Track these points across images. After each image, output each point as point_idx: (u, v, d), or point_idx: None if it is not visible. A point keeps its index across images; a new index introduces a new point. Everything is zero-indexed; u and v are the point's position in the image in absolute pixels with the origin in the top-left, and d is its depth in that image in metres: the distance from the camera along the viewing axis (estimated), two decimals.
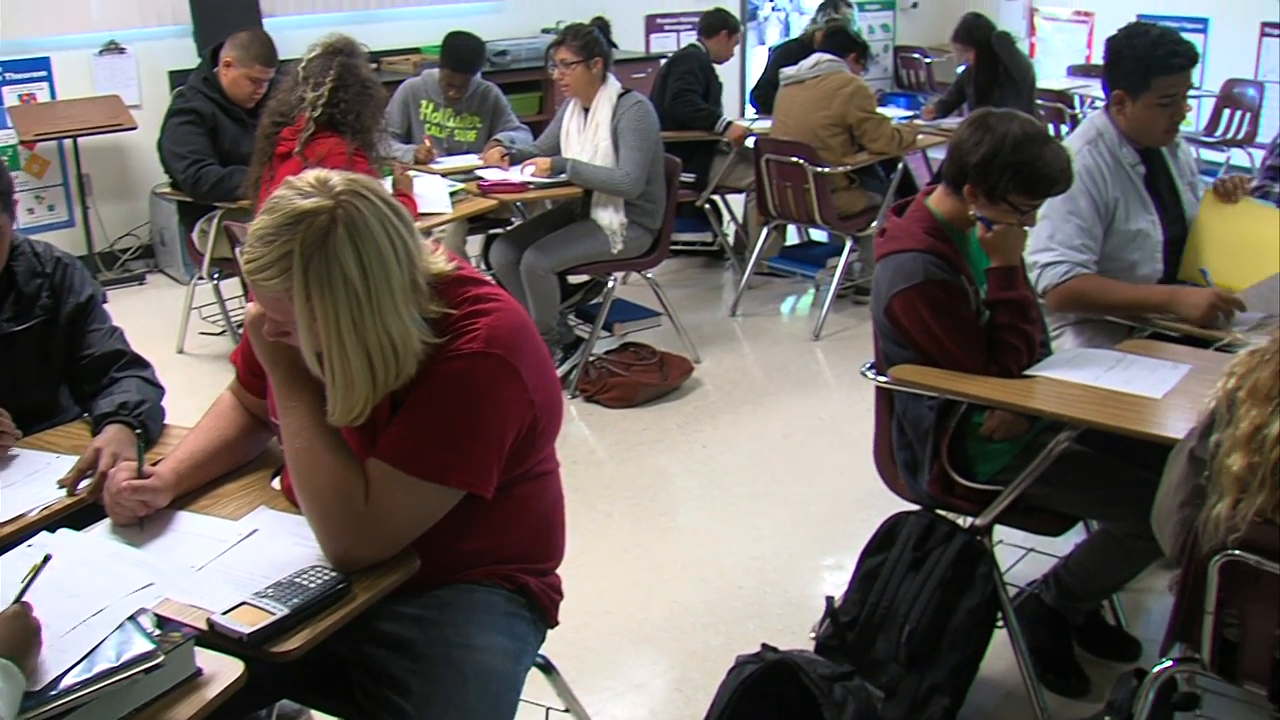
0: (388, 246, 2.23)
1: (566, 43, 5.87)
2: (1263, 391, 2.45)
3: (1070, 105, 9.84)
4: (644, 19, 11.09)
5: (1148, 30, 4.12)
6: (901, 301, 3.37)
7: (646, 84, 9.64)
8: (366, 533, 2.30)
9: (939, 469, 3.49)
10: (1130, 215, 4.10)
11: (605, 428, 5.63)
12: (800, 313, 7.42)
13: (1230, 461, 2.46)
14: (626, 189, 5.83)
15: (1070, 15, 12.69)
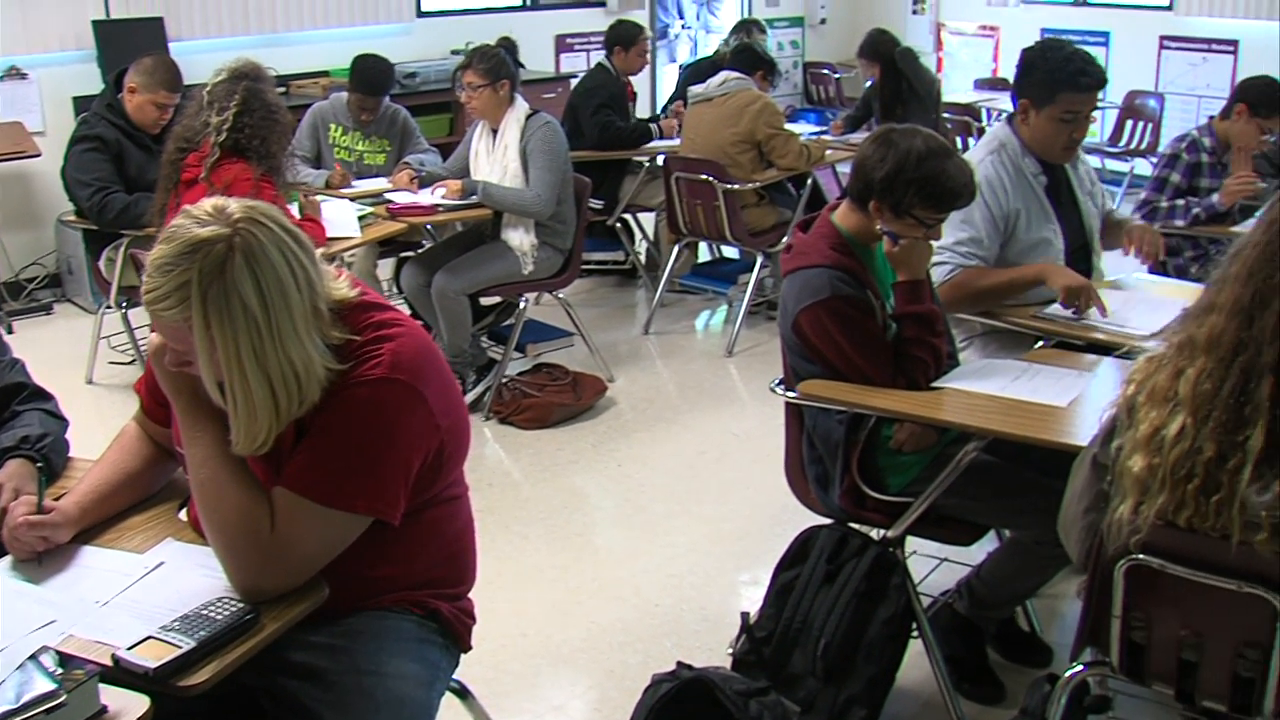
0: (287, 273, 2.21)
1: (473, 65, 5.85)
2: (1160, 394, 2.48)
3: (977, 118, 9.96)
4: (553, 39, 11.10)
5: (1063, 46, 4.20)
6: (808, 317, 3.39)
7: (557, 104, 9.65)
8: (273, 562, 2.27)
9: (850, 482, 3.51)
10: (1032, 225, 4.16)
11: (520, 449, 5.61)
12: (713, 329, 7.44)
13: (1131, 464, 2.50)
14: (537, 210, 5.82)
15: (976, 30, 12.86)
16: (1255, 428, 2.37)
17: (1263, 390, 2.36)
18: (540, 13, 11.06)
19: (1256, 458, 2.36)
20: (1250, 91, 5.88)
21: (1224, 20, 11.03)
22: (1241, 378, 2.39)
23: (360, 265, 6.43)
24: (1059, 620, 4.13)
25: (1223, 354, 2.41)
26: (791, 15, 13.20)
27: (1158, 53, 11.56)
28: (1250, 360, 2.38)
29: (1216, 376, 2.41)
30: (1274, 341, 2.36)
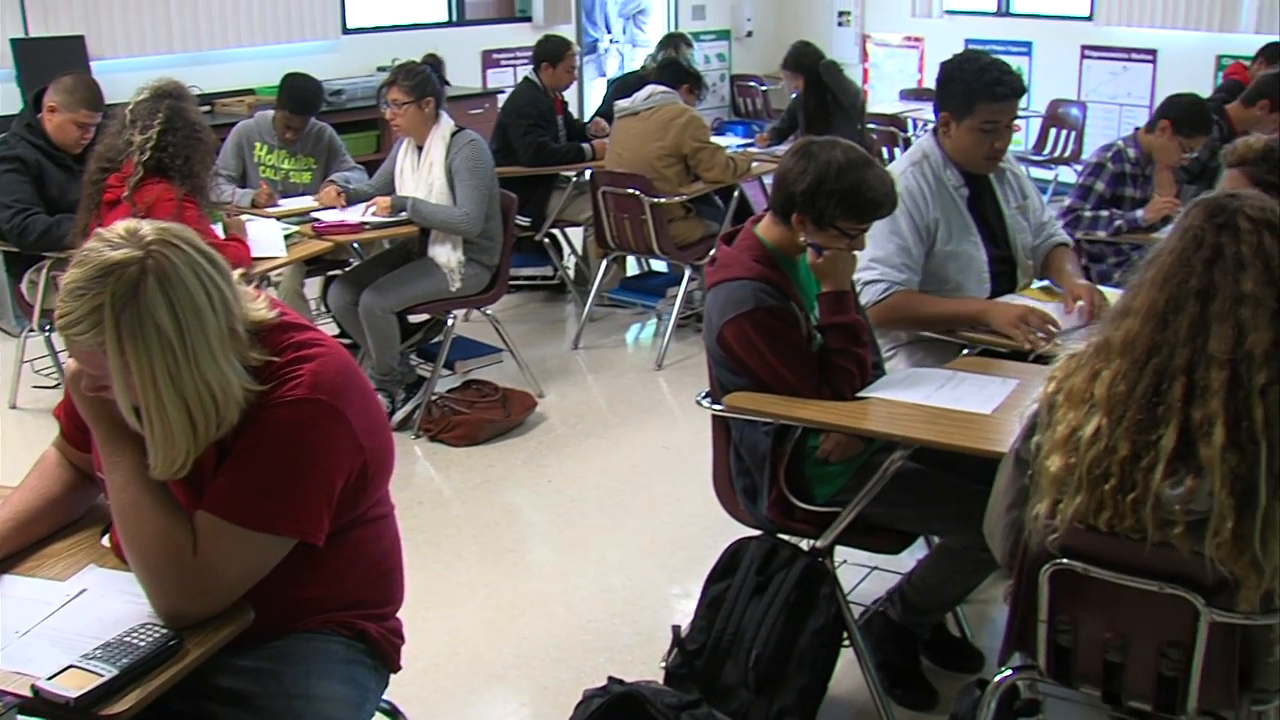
0: (202, 296, 2.19)
1: (398, 83, 5.82)
2: (1077, 395, 2.53)
3: (903, 129, 10.04)
4: (480, 54, 11.10)
5: (979, 58, 4.24)
6: (733, 329, 3.40)
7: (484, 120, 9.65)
8: (196, 586, 2.25)
9: (777, 494, 3.52)
10: (952, 236, 4.20)
11: (450, 467, 5.59)
12: (643, 343, 7.44)
13: (1049, 463, 2.54)
14: (466, 228, 5.80)
15: (901, 41, 12.98)
16: (1168, 427, 2.41)
17: (1175, 391, 2.41)
18: (467, 28, 11.08)
19: (1169, 455, 2.41)
20: (1175, 110, 5.97)
21: (1143, 30, 11.21)
22: (1155, 379, 2.43)
23: (287, 284, 6.39)
24: (990, 625, 4.16)
25: (1137, 356, 2.45)
26: (718, 28, 13.26)
27: (1079, 62, 11.74)
28: (1164, 362, 2.43)
29: (1131, 378, 2.46)
30: (1187, 344, 2.40)
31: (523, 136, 7.62)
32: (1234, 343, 2.38)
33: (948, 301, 4.14)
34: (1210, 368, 2.39)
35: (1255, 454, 2.36)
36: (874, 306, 4.05)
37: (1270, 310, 2.39)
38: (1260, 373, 2.37)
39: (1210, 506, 2.40)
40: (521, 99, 7.86)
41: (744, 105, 13.30)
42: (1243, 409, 2.37)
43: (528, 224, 7.67)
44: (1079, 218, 5.96)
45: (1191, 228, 2.48)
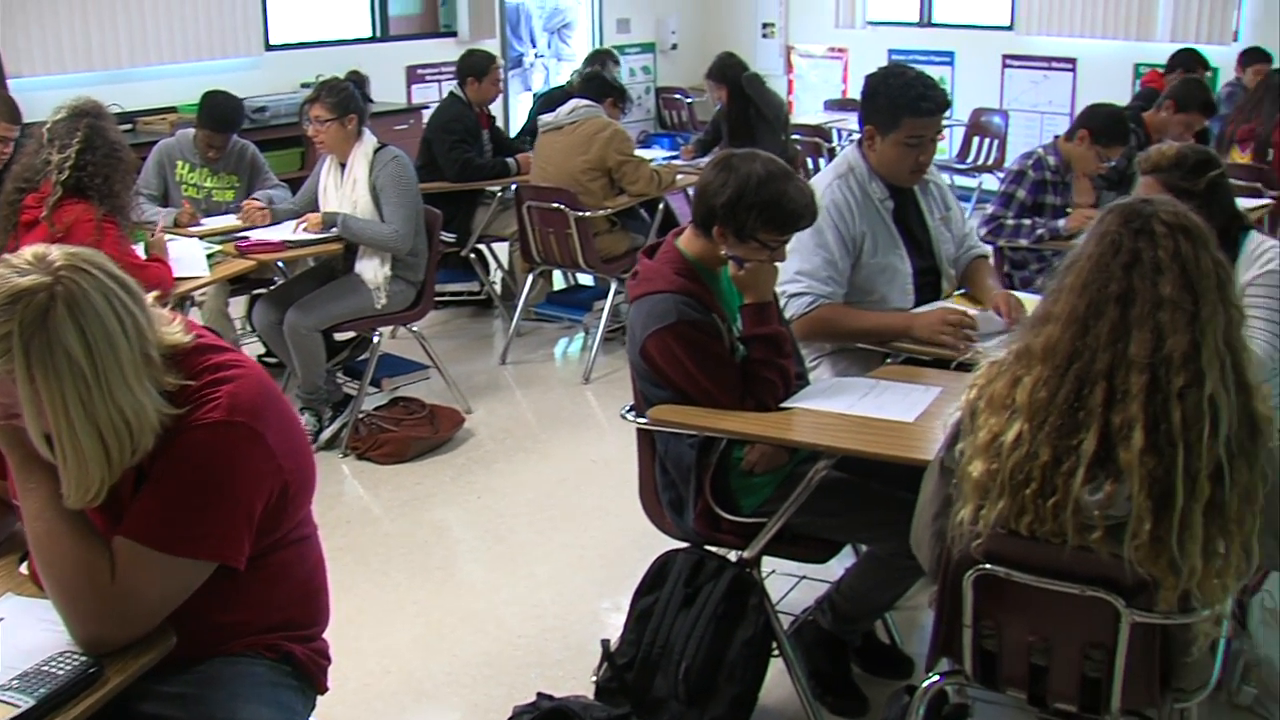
0: (114, 321, 2.16)
1: (320, 100, 5.79)
2: (999, 401, 2.56)
3: (827, 139, 10.08)
4: (404, 70, 11.06)
5: (904, 72, 4.26)
6: (656, 342, 3.41)
7: (410, 135, 9.63)
8: (115, 613, 2.22)
9: (703, 506, 3.54)
10: (878, 249, 4.23)
11: (379, 485, 5.56)
12: (570, 357, 7.43)
13: (972, 469, 2.57)
14: (396, 245, 5.78)
15: (825, 51, 13.06)
16: (1089, 432, 2.44)
17: (1096, 396, 2.44)
18: (391, 44, 11.04)
19: (1089, 460, 2.43)
20: (1094, 120, 6.05)
21: (1063, 39, 11.37)
22: (1076, 384, 2.46)
23: (211, 304, 6.34)
24: (919, 631, 4.18)
25: (1058, 362, 2.48)
26: (643, 41, 13.30)
27: (1001, 71, 11.87)
28: (1084, 368, 2.46)
29: (1052, 384, 2.48)
30: (1107, 350, 2.43)
31: (448, 152, 7.60)
32: (1153, 347, 2.41)
33: (872, 315, 4.18)
34: (1130, 372, 2.42)
35: (1173, 457, 2.39)
36: (799, 319, 4.08)
37: (1188, 314, 2.42)
38: (1178, 376, 2.40)
39: (1129, 511, 2.43)
40: (446, 114, 7.82)
41: (670, 117, 13.35)
42: (1161, 412, 2.40)
43: (453, 240, 7.66)
44: (1001, 225, 6.02)
45: (1108, 233, 2.51)
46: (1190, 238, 2.47)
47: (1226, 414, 2.42)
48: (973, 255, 4.62)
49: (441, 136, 7.68)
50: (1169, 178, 3.98)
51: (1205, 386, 2.40)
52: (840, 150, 8.78)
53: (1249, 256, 4.03)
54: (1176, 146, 4.07)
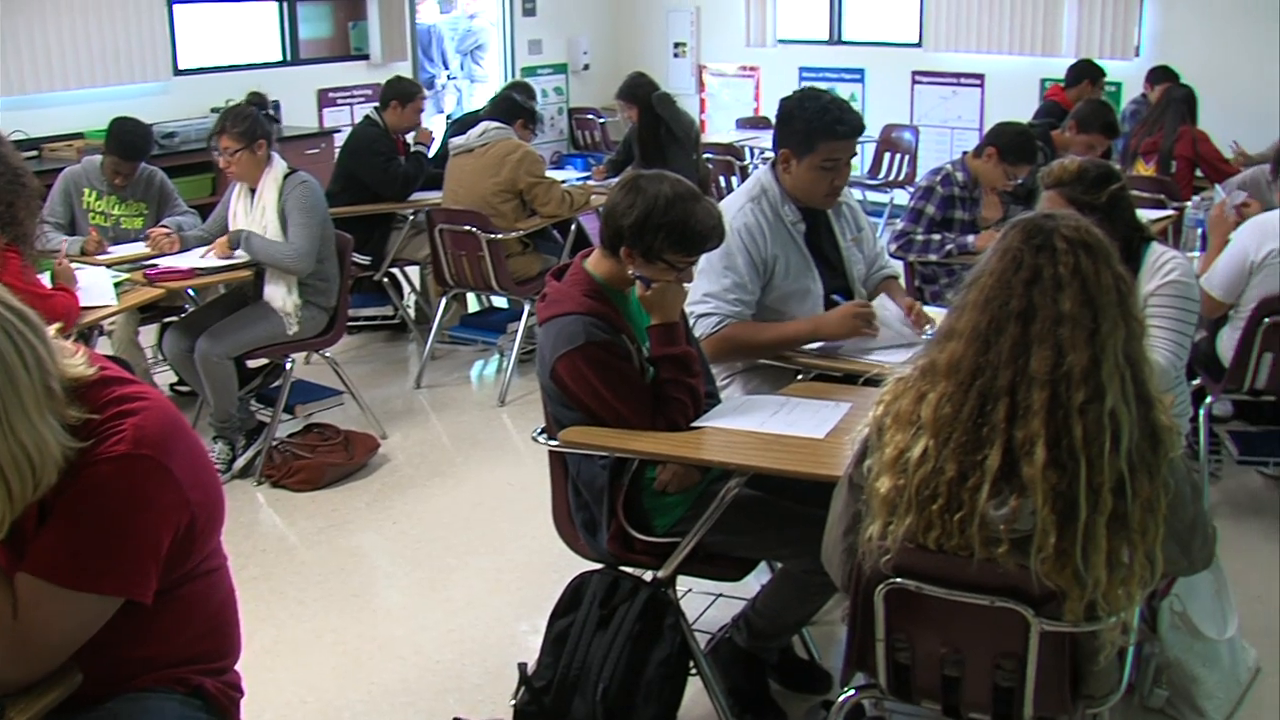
0: (13, 355, 2.12)
1: (227, 130, 5.72)
2: (904, 417, 2.58)
3: (739, 157, 10.14)
4: (316, 93, 11.01)
5: (820, 96, 4.30)
6: (565, 364, 3.41)
7: (321, 159, 9.59)
8: (18, 651, 2.19)
9: (617, 526, 3.54)
10: (790, 271, 4.27)
11: (294, 512, 5.51)
12: (485, 380, 7.42)
13: (879, 485, 2.59)
14: (295, 266, 5.73)
15: (736, 70, 13.15)
16: (993, 447, 2.47)
17: (999, 412, 2.46)
18: (302, 67, 10.98)
19: (994, 476, 2.46)
20: (1002, 138, 6.15)
21: (970, 55, 11.54)
22: (979, 400, 2.49)
23: (121, 333, 6.27)
24: (836, 645, 4.20)
25: (962, 378, 2.51)
26: (555, 62, 13.32)
27: (910, 87, 12.02)
28: (987, 384, 2.48)
29: (956, 400, 2.51)
30: (1009, 365, 2.46)
31: (383, 173, 7.56)
32: (1053, 363, 2.44)
33: (777, 326, 4.21)
34: (1032, 388, 2.45)
35: (1075, 470, 2.42)
36: (708, 339, 4.10)
37: (1087, 330, 2.45)
38: (1079, 391, 2.43)
39: (1034, 525, 2.46)
40: (366, 137, 7.77)
41: (582, 138, 13.38)
42: (1063, 427, 2.43)
43: (367, 264, 7.61)
44: (911, 241, 6.09)
45: (1010, 249, 2.54)
46: (1090, 253, 2.51)
47: (1128, 427, 2.45)
48: (883, 275, 4.67)
49: (369, 160, 7.62)
50: (1071, 192, 4.05)
51: (1106, 401, 2.44)
52: (752, 169, 8.89)
53: (1151, 267, 4.10)
54: (1078, 161, 4.14)
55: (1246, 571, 4.82)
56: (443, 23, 13.66)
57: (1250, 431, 5.61)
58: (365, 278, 7.75)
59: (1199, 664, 3.81)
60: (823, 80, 12.34)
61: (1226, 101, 9.60)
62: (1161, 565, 2.54)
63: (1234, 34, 10.24)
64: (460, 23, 13.61)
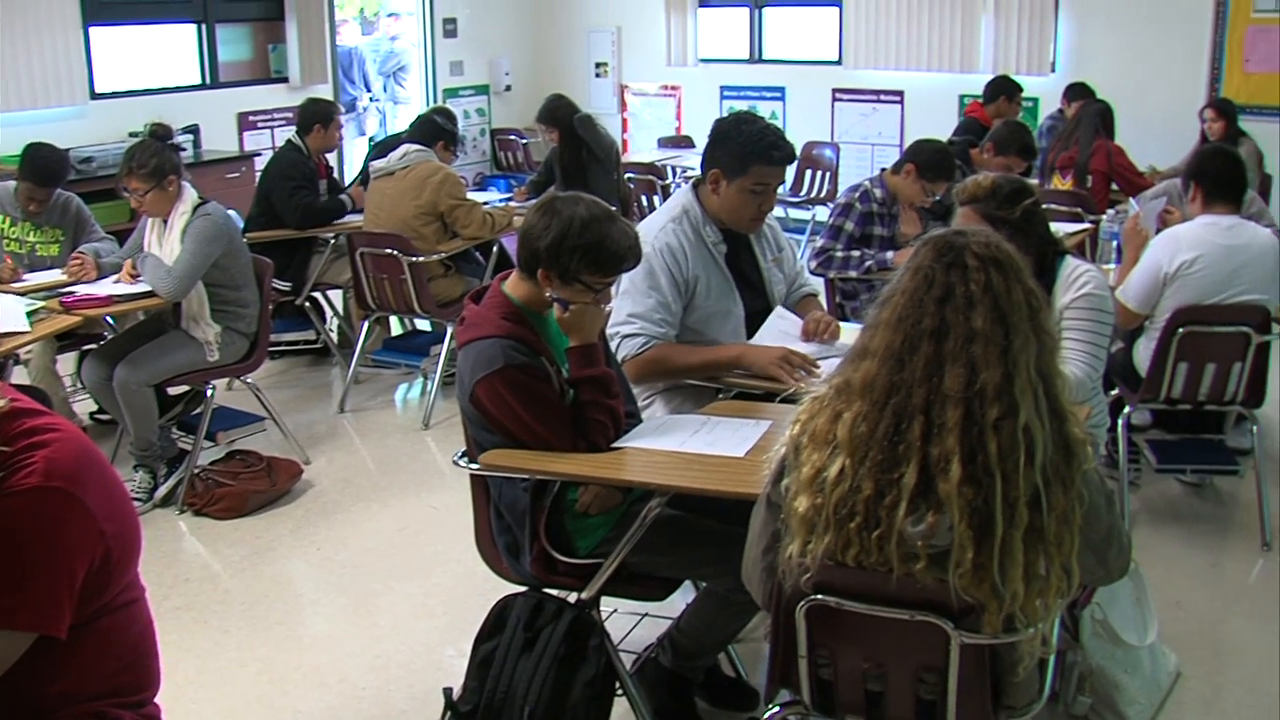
0: None
1: (134, 172, 5.60)
2: (821, 436, 2.59)
3: (661, 176, 10.16)
4: (236, 116, 10.94)
5: (756, 120, 4.33)
6: (485, 388, 3.41)
7: (242, 183, 9.54)
8: None
9: (539, 549, 3.54)
10: (711, 292, 4.29)
11: (217, 540, 5.46)
12: (410, 403, 7.38)
13: (797, 504, 2.59)
14: (165, 288, 5.62)
15: (658, 90, 13.20)
16: (909, 465, 2.48)
17: (914, 430, 2.48)
18: (221, 90, 10.91)
19: (911, 493, 2.47)
20: (920, 155, 6.21)
21: (889, 72, 11.67)
22: (895, 418, 2.50)
23: (38, 362, 6.20)
24: (763, 663, 4.15)
25: (876, 397, 2.52)
26: (477, 83, 13.32)
27: (831, 105, 12.11)
28: (902, 402, 2.50)
29: (871, 419, 2.52)
30: (923, 383, 2.48)
31: (288, 199, 7.50)
32: (967, 380, 2.46)
33: (703, 350, 4.22)
34: (946, 406, 2.46)
35: (991, 486, 2.44)
36: (633, 360, 4.11)
37: (1000, 346, 2.47)
38: (993, 408, 2.45)
39: (951, 541, 2.48)
40: (284, 161, 7.72)
41: (505, 159, 13.37)
42: (977, 444, 2.45)
43: (288, 289, 7.57)
44: (831, 258, 6.13)
45: (922, 267, 2.56)
46: (1001, 270, 2.53)
47: (1041, 442, 2.47)
48: (803, 294, 4.71)
49: (280, 184, 7.57)
50: (985, 208, 4.10)
51: (1020, 417, 2.46)
52: (674, 188, 8.92)
53: (1065, 281, 4.16)
54: (991, 177, 4.19)
55: (1167, 578, 4.90)
56: (364, 45, 13.61)
57: (1168, 440, 5.69)
58: (287, 302, 7.70)
59: (1121, 671, 3.86)
60: (744, 99, 12.47)
61: (1142, 115, 9.77)
62: (1078, 576, 2.57)
63: (1147, 49, 10.43)
64: (382, 44, 13.56)
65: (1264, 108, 9.89)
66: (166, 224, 5.76)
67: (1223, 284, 5.09)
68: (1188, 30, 10.26)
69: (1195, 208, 5.36)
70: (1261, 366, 5.20)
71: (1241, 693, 4.19)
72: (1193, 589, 4.88)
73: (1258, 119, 9.53)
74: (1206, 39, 10.21)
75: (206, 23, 10.78)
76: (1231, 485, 5.83)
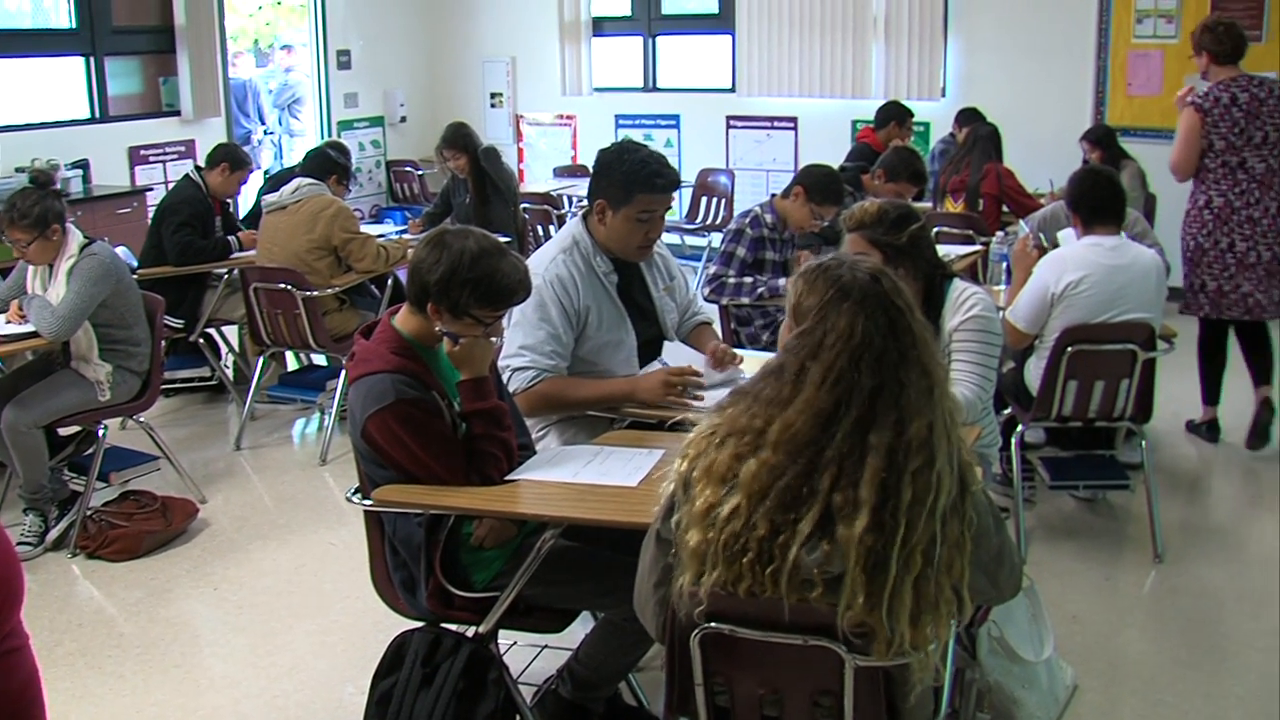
0: None
1: (16, 224, 5.48)
2: (718, 473, 2.56)
3: (557, 206, 10.16)
4: (127, 150, 10.78)
5: (639, 149, 4.36)
6: (376, 423, 3.39)
7: (134, 219, 9.42)
8: None
9: (435, 584, 3.52)
10: (603, 323, 4.30)
11: (111, 584, 5.37)
12: (307, 438, 7.31)
13: (688, 538, 2.58)
14: (48, 331, 5.51)
15: (553, 119, 13.21)
16: (810, 509, 2.47)
17: (824, 480, 2.47)
18: (112, 125, 10.74)
19: (806, 536, 2.47)
20: (808, 178, 6.27)
21: (782, 99, 11.76)
22: (807, 468, 2.49)
23: None
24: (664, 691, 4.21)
25: (793, 450, 2.50)
26: (371, 115, 13.25)
27: (725, 132, 12.19)
28: (816, 454, 2.49)
29: (780, 469, 2.50)
30: (847, 439, 2.47)
31: (171, 235, 7.42)
32: (895, 433, 2.47)
33: (594, 384, 4.23)
34: (866, 457, 2.46)
35: (894, 531, 2.44)
36: (524, 393, 4.11)
37: (926, 395, 2.50)
38: (915, 458, 2.46)
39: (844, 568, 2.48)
40: (178, 196, 7.65)
41: (401, 190, 13.33)
42: (892, 491, 2.45)
43: (181, 325, 7.46)
44: (723, 284, 6.17)
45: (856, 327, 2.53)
46: (914, 316, 2.58)
47: (948, 484, 2.49)
48: (696, 322, 4.74)
49: (168, 219, 7.49)
50: (873, 234, 4.15)
51: (936, 463, 2.48)
52: (570, 217, 8.93)
53: (954, 303, 4.22)
54: (878, 203, 4.24)
55: (1062, 593, 4.97)
56: (258, 77, 13.52)
57: (1061, 457, 5.78)
58: (181, 339, 7.60)
59: (1018, 686, 3.90)
60: (639, 127, 12.52)
61: (1031, 138, 9.96)
62: (970, 599, 2.59)
63: (1035, 74, 10.64)
64: (276, 76, 13.49)
65: (1146, 129, 10.10)
66: (52, 268, 5.65)
67: (1108, 303, 5.19)
68: (1072, 55, 10.48)
69: (1078, 231, 5.48)
70: (1148, 382, 5.32)
71: (1137, 703, 4.27)
72: (1088, 603, 4.96)
73: (1141, 140, 9.73)
74: (1090, 63, 10.43)
75: (95, 56, 10.61)
76: (1124, 499, 5.94)
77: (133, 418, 6.08)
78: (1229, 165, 6.36)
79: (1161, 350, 5.29)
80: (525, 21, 13.16)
